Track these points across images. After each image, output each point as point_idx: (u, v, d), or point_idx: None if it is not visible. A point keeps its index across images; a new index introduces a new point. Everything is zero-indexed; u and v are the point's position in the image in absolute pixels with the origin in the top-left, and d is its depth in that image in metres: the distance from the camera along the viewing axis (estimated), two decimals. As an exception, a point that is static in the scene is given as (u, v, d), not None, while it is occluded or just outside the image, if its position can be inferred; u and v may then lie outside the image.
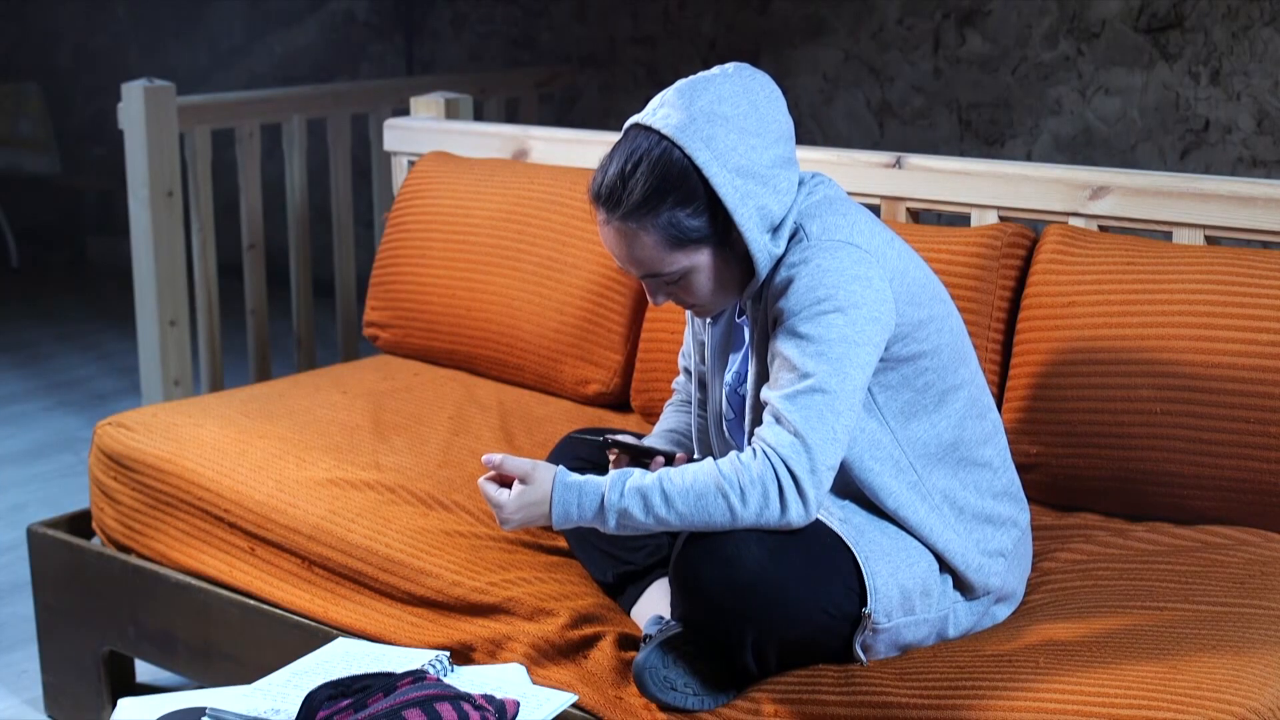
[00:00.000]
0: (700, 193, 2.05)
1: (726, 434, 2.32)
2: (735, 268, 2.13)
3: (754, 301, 2.16)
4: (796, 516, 2.00)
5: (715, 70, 2.13)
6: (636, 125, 2.10)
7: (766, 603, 2.00)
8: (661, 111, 2.08)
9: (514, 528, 2.07)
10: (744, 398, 2.23)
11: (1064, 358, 2.54)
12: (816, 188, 2.16)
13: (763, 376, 2.15)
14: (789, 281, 2.06)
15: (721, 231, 2.09)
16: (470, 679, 2.07)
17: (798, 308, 2.04)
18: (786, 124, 2.13)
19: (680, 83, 2.11)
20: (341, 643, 2.21)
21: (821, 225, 2.09)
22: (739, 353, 2.27)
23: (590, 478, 2.05)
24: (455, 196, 3.42)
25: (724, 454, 2.35)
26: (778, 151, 2.10)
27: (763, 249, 2.08)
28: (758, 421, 2.16)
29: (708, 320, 2.30)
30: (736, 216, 2.05)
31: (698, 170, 2.04)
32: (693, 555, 2.03)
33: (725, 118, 2.06)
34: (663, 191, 2.04)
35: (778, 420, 2.01)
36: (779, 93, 2.14)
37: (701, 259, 2.09)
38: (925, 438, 2.15)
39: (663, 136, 2.05)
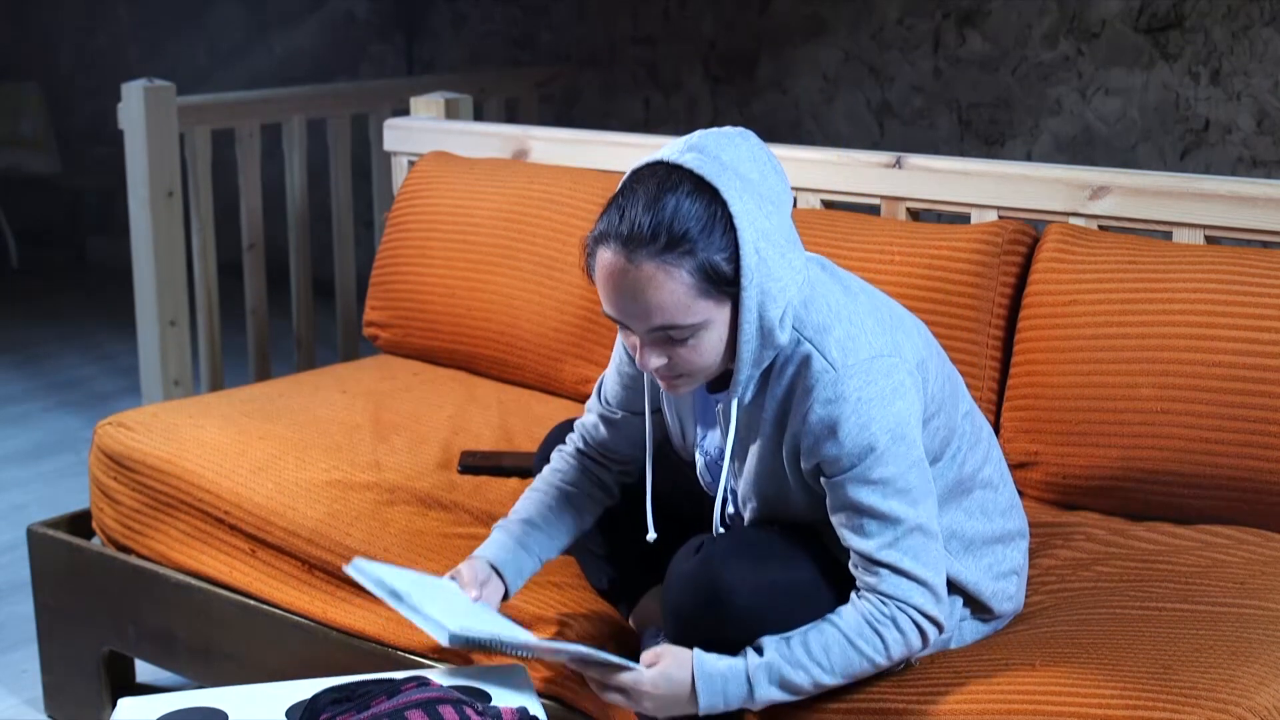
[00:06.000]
0: (732, 240, 1.88)
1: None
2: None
3: (758, 400, 2.02)
4: (936, 640, 2.04)
5: (722, 130, 1.97)
6: (660, 163, 1.91)
7: (756, 636, 1.98)
8: (687, 155, 1.90)
9: (655, 709, 1.97)
10: (721, 467, 2.12)
11: (1064, 356, 2.54)
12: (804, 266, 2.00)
13: (767, 476, 2.05)
14: (832, 424, 1.93)
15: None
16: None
17: (859, 452, 1.93)
18: (789, 195, 1.98)
19: (691, 136, 1.95)
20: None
21: (839, 346, 1.95)
22: (705, 425, 2.17)
23: (730, 664, 1.95)
24: (455, 196, 3.42)
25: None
26: (787, 224, 1.95)
27: (751, 340, 1.94)
28: (755, 512, 2.09)
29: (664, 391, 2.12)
30: (744, 291, 1.89)
31: (730, 218, 1.87)
32: (681, 589, 2.00)
33: (747, 179, 1.91)
34: (703, 231, 1.87)
35: (890, 570, 1.96)
36: (779, 162, 2.00)
37: (722, 315, 1.92)
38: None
39: (698, 177, 1.88)
